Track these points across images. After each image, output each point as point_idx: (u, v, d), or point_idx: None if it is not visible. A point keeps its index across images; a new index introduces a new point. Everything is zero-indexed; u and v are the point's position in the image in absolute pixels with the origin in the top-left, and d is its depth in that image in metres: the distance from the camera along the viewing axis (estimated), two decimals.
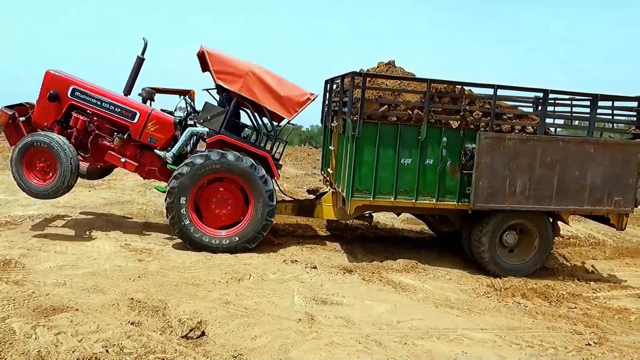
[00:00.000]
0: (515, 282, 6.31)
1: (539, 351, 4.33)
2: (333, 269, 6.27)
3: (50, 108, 6.86)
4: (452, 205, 6.54)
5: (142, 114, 6.98)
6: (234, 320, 4.49)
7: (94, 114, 6.97)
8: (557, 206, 6.55)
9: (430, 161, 6.39)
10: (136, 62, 7.23)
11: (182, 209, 6.46)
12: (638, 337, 4.83)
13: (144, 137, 6.98)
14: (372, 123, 6.25)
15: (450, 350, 4.21)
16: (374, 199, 6.41)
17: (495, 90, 6.25)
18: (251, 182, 6.55)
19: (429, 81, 6.20)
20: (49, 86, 6.84)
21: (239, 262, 6.25)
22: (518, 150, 6.31)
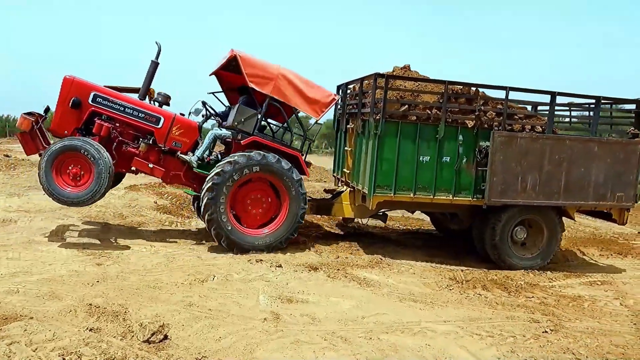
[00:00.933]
0: (476, 274, 6.48)
1: (499, 340, 4.45)
2: (298, 267, 6.26)
3: (71, 115, 6.67)
4: (467, 201, 6.80)
5: (166, 119, 6.95)
6: (198, 322, 4.41)
7: (117, 120, 6.84)
8: (564, 201, 6.91)
9: (447, 158, 6.67)
10: (151, 66, 7.19)
11: (221, 206, 6.47)
12: (591, 323, 5.05)
13: (169, 142, 6.94)
14: (393, 122, 6.52)
15: (414, 343, 4.28)
16: (394, 194, 6.63)
17: (507, 92, 6.60)
18: (292, 190, 6.74)
19: (446, 83, 6.52)
20: (69, 92, 6.65)
21: (202, 263, 6.15)
22: (529, 148, 6.65)
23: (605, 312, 5.40)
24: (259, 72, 6.76)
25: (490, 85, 6.73)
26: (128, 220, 8.34)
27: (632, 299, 5.93)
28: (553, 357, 4.15)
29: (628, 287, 6.46)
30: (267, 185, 6.86)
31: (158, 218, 8.69)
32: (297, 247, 7.27)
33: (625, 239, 9.69)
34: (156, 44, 7.16)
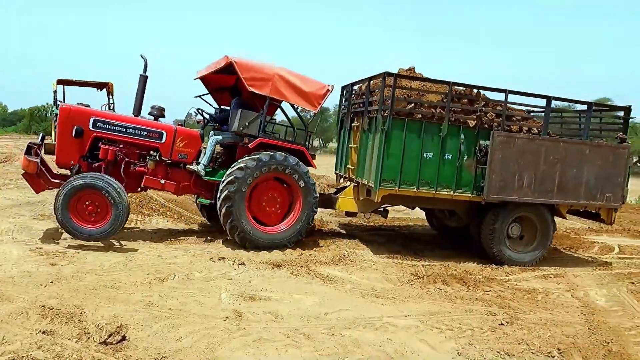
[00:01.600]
0: (436, 269, 6.62)
1: (458, 333, 4.57)
2: (261, 264, 6.23)
3: (74, 144, 6.67)
4: (467, 196, 7.06)
5: (168, 133, 7.02)
6: (158, 322, 4.31)
7: (120, 141, 6.88)
8: (558, 200, 7.24)
9: (449, 156, 6.94)
10: (140, 80, 7.18)
11: (240, 212, 6.69)
12: (544, 315, 5.25)
13: (174, 155, 7.03)
14: (400, 119, 6.76)
15: (376, 338, 4.33)
16: (399, 188, 6.87)
17: (507, 94, 6.92)
18: (303, 184, 6.98)
19: (450, 84, 6.82)
20: (69, 122, 6.64)
21: (163, 261, 6.02)
22: (525, 148, 6.98)
23: (557, 304, 5.63)
24: (256, 74, 6.85)
25: (491, 87, 7.05)
26: None
27: (582, 291, 6.21)
28: (508, 348, 4.28)
29: (579, 279, 6.75)
30: (278, 183, 7.07)
31: None
32: None
33: (576, 234, 10.13)
34: (142, 57, 7.17)
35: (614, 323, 5.09)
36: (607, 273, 7.14)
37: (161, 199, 9.85)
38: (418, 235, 9.07)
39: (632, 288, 6.35)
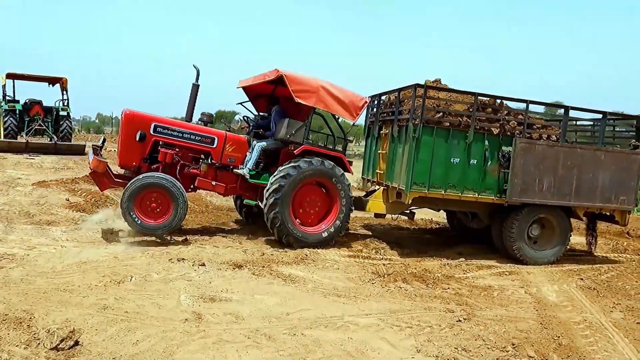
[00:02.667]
0: (397, 267, 6.72)
1: (417, 331, 4.65)
2: (222, 265, 6.14)
3: (136, 147, 7.22)
4: (490, 199, 7.51)
5: (219, 138, 7.59)
6: (113, 326, 4.18)
7: (177, 145, 7.43)
8: (575, 202, 7.70)
9: (474, 161, 7.39)
10: (192, 89, 7.75)
11: (285, 216, 7.15)
12: (500, 311, 5.41)
13: (224, 159, 7.60)
14: (429, 127, 7.20)
15: (337, 337, 4.35)
16: (428, 191, 7.28)
17: (527, 104, 7.39)
18: (340, 186, 7.48)
19: (476, 94, 7.27)
20: (133, 126, 7.19)
21: (119, 263, 5.84)
22: (545, 154, 7.47)
23: (512, 300, 5.82)
24: (303, 87, 7.33)
25: (513, 98, 7.58)
26: (36, 219, 7.73)
27: (535, 287, 6.44)
28: (465, 344, 4.39)
29: (532, 276, 7.01)
30: (317, 187, 7.56)
31: (70, 216, 8.14)
32: (223, 244, 7.14)
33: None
34: (194, 67, 7.73)
35: (564, 318, 5.30)
36: (558, 270, 7.44)
37: (118, 198, 9.56)
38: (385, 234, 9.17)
39: (580, 284, 6.65)
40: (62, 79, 17.53)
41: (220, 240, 7.37)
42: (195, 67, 7.72)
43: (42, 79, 17.75)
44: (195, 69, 7.71)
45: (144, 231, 6.93)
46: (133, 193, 6.80)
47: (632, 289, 6.42)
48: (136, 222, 6.85)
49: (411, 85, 7.39)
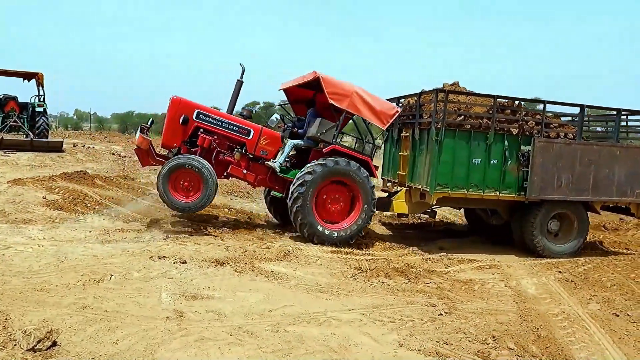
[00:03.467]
0: (379, 262, 6.75)
1: (399, 325, 4.68)
2: (204, 262, 6.09)
3: (179, 130, 7.70)
4: (511, 197, 7.82)
5: (255, 131, 7.98)
6: (92, 326, 4.11)
7: (216, 133, 7.84)
8: (592, 197, 8.02)
9: (494, 161, 7.70)
10: (236, 85, 8.26)
11: (309, 211, 7.43)
12: (480, 304, 5.49)
13: (257, 151, 7.97)
14: (451, 130, 7.52)
15: (320, 332, 4.35)
16: (452, 191, 7.60)
17: (545, 104, 7.75)
18: (364, 187, 7.73)
19: (495, 97, 7.60)
20: (178, 110, 7.69)
21: (98, 261, 5.75)
22: (563, 152, 7.78)
23: (492, 294, 5.90)
24: (338, 90, 7.67)
25: (530, 99, 8.05)
26: (11, 218, 7.56)
27: (515, 280, 6.54)
28: (447, 337, 4.44)
29: (512, 269, 7.12)
30: (341, 186, 7.78)
31: (47, 215, 7.98)
32: (205, 241, 7.08)
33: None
34: (240, 65, 8.23)
35: (543, 310, 5.40)
36: (537, 263, 7.57)
37: (97, 195, 9.41)
38: None
39: (559, 276, 6.77)
40: (37, 74, 17.11)
41: (202, 237, 7.30)
42: (241, 65, 8.22)
43: (17, 74, 17.29)
44: (241, 66, 8.22)
45: (176, 209, 7.49)
46: (168, 171, 7.26)
47: (608, 281, 6.56)
48: (170, 200, 7.30)
49: (432, 90, 7.72)
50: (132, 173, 13.71)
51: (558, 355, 4.23)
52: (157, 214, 8.83)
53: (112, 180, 11.22)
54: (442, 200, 7.85)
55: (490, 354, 4.17)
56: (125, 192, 10.36)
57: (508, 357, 4.14)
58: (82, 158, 15.29)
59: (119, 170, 13.75)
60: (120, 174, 12.54)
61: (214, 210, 9.77)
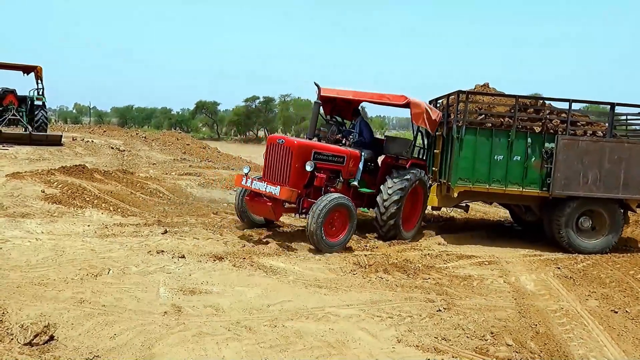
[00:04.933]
0: (378, 258, 6.74)
1: (398, 321, 4.67)
2: (202, 257, 6.08)
3: (303, 176, 7.38)
4: (535, 192, 8.07)
5: (347, 156, 8.05)
6: (90, 320, 4.10)
7: (325, 169, 7.68)
8: (624, 195, 8.04)
9: (517, 157, 7.99)
10: (315, 107, 8.28)
11: (399, 214, 7.86)
12: (479, 300, 5.48)
13: (347, 174, 8.10)
14: (472, 128, 7.95)
15: (318, 328, 4.34)
16: (473, 185, 8.03)
17: (570, 103, 7.93)
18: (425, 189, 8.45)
19: (517, 97, 7.96)
20: (303, 157, 7.29)
21: (96, 256, 5.73)
22: (589, 149, 7.91)
23: (491, 289, 5.89)
24: (417, 110, 8.15)
25: (556, 98, 8.16)
26: (10, 212, 7.54)
27: (514, 276, 6.54)
28: (445, 333, 4.43)
29: (510, 265, 7.10)
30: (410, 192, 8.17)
31: (46, 208, 7.96)
32: (203, 236, 7.06)
33: (509, 224, 10.66)
34: (315, 85, 8.25)
35: (542, 306, 5.39)
36: (537, 259, 7.56)
37: (95, 189, 9.39)
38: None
39: (557, 273, 6.76)
40: (36, 68, 17.04)
41: (200, 232, 7.29)
42: (317, 85, 8.24)
43: (16, 67, 17.22)
44: (316, 86, 8.23)
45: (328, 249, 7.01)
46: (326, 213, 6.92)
47: (607, 278, 6.55)
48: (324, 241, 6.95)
49: (455, 91, 8.19)
50: (131, 167, 13.70)
51: (556, 351, 4.22)
52: (155, 208, 8.82)
53: (111, 174, 11.20)
54: (467, 194, 8.24)
55: (489, 350, 4.17)
56: (124, 187, 10.35)
57: (506, 353, 4.13)
58: (81, 152, 15.26)
59: (117, 165, 13.74)
60: (119, 168, 12.53)
61: (213, 205, 9.76)
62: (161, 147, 19.53)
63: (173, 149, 19.52)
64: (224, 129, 62.87)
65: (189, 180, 12.62)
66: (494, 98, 8.49)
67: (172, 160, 16.50)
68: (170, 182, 11.89)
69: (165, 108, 70.95)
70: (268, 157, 7.45)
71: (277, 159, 7.31)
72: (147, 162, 15.50)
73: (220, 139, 54.98)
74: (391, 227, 7.92)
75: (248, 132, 60.59)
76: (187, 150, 19.68)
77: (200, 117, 63.82)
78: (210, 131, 63.02)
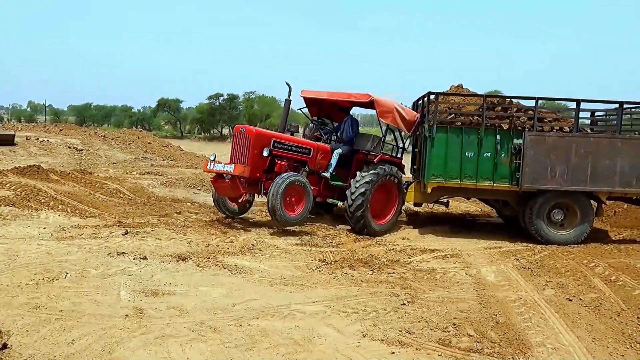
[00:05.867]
0: (343, 254, 6.79)
1: (363, 316, 4.71)
2: (165, 257, 5.96)
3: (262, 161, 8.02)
4: (505, 187, 8.40)
5: (313, 149, 8.65)
6: (46, 326, 3.95)
7: (287, 157, 8.28)
8: (592, 187, 8.29)
9: (487, 154, 8.30)
10: (286, 104, 8.91)
11: (366, 207, 8.17)
12: (442, 292, 5.59)
13: (315, 166, 8.67)
14: (443, 127, 8.30)
15: (284, 325, 4.33)
16: (445, 181, 8.33)
17: (537, 101, 8.23)
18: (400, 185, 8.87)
19: (484, 96, 8.41)
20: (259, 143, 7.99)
21: (52, 259, 5.53)
22: (556, 144, 8.19)
23: (453, 282, 6.03)
24: (384, 109, 8.60)
25: (522, 96, 8.53)
26: None
27: (475, 268, 6.71)
28: (410, 326, 4.50)
29: (472, 258, 7.29)
30: (384, 185, 8.61)
31: None
32: (166, 236, 6.92)
33: (469, 219, 10.93)
34: (287, 84, 8.74)
35: (501, 296, 5.56)
36: (497, 251, 7.78)
37: (51, 190, 9.05)
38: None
39: (516, 264, 6.99)
40: None
41: (162, 232, 7.14)
42: (288, 84, 8.70)
43: None
44: (287, 85, 8.69)
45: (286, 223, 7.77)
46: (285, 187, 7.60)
47: (563, 267, 6.82)
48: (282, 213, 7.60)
49: (426, 93, 8.56)
50: (90, 167, 13.29)
51: (515, 340, 4.36)
52: (115, 209, 8.59)
53: (68, 174, 10.82)
54: (442, 190, 8.55)
55: (451, 341, 4.26)
56: (82, 187, 10.02)
57: (468, 343, 4.24)
58: (35, 152, 14.68)
59: (75, 165, 13.30)
60: (77, 168, 12.12)
61: (176, 205, 9.57)
62: (121, 146, 19.02)
63: (134, 148, 19.04)
64: (187, 126, 61.71)
65: (151, 179, 12.34)
66: (464, 98, 8.86)
67: (133, 159, 16.09)
68: (131, 182, 11.60)
69: (125, 106, 69.16)
70: (233, 145, 8.21)
71: (239, 145, 8.10)
72: (107, 162, 15.06)
73: (184, 137, 54.01)
74: (359, 218, 8.23)
75: (212, 130, 59.69)
76: (148, 149, 19.24)
77: (163, 114, 62.39)
78: (173, 129, 61.76)
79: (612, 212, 10.86)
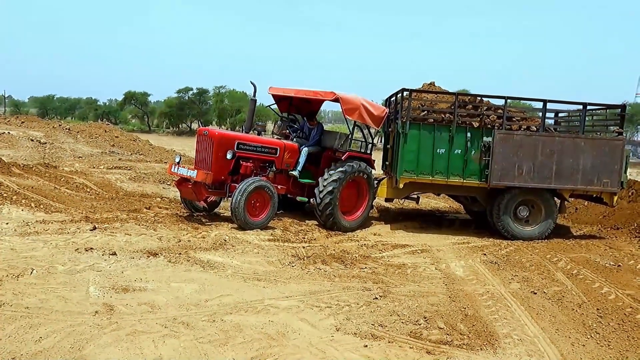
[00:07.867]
0: (316, 250, 6.82)
1: (336, 310, 4.77)
2: (135, 253, 5.86)
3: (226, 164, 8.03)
4: (475, 183, 8.58)
5: (280, 148, 8.66)
6: (12, 324, 3.83)
7: (252, 158, 8.32)
8: (556, 185, 8.54)
9: (458, 151, 8.48)
10: (250, 104, 8.95)
11: (335, 205, 8.24)
12: (412, 287, 5.71)
13: (282, 165, 8.69)
14: (416, 123, 8.44)
15: (258, 320, 4.34)
16: (417, 176, 8.50)
17: (506, 100, 8.49)
18: (370, 181, 8.90)
19: (456, 94, 8.68)
20: (222, 146, 7.97)
21: (17, 255, 5.36)
22: (523, 143, 8.44)
23: (423, 277, 6.15)
24: (350, 105, 8.58)
25: (493, 95, 8.74)
26: None
27: (444, 263, 6.86)
28: (382, 320, 4.58)
29: (442, 253, 7.45)
30: (354, 182, 8.71)
31: None
32: (136, 232, 6.79)
33: (438, 215, 11.15)
34: (251, 84, 8.72)
35: (470, 290, 5.72)
36: (465, 246, 7.98)
37: (14, 185, 8.74)
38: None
39: (484, 259, 7.19)
40: None
41: (132, 228, 7.01)
42: (252, 84, 8.68)
43: None
44: (252, 85, 8.68)
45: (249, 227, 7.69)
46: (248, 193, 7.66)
47: (528, 262, 7.06)
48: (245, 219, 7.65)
49: (400, 90, 8.65)
50: (55, 161, 12.90)
51: (483, 332, 4.50)
52: (82, 204, 8.37)
53: (31, 168, 10.47)
54: (413, 186, 8.67)
55: (422, 333, 4.36)
56: (47, 181, 9.71)
57: (438, 336, 4.35)
58: None
59: (39, 158, 12.87)
60: (41, 162, 11.73)
61: (146, 200, 9.40)
62: (87, 140, 18.51)
63: (101, 142, 18.56)
64: (155, 121, 60.47)
65: (119, 174, 12.07)
66: (437, 95, 9.08)
67: (99, 153, 15.70)
68: (98, 176, 11.32)
69: (90, 98, 67.07)
70: (197, 148, 8.23)
71: (203, 148, 8.11)
72: (72, 155, 14.63)
73: (152, 132, 52.93)
74: (328, 216, 8.30)
75: (181, 125, 58.70)
76: (116, 143, 18.78)
77: (130, 108, 60.89)
78: (141, 123, 60.40)
79: (574, 209, 11.29)
